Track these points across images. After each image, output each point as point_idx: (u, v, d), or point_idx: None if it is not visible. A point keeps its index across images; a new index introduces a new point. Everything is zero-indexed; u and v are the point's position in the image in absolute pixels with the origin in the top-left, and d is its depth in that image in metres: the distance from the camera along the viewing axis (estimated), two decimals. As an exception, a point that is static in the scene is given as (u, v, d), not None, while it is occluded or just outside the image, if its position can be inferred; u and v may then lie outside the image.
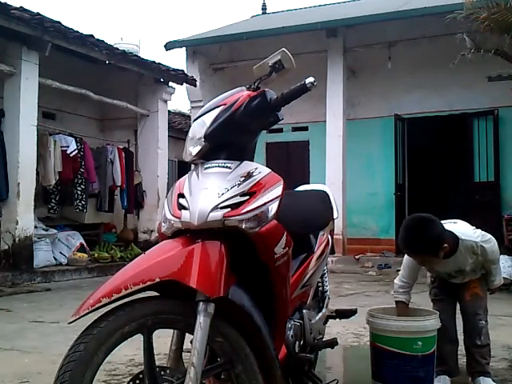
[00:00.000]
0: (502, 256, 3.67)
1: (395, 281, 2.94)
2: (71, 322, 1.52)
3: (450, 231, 2.70)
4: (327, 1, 14.53)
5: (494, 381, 2.79)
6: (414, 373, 2.59)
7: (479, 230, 2.84)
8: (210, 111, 1.84)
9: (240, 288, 1.69)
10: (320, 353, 2.80)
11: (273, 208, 1.72)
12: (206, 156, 1.81)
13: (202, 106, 1.94)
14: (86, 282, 7.62)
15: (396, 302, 2.88)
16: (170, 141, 10.75)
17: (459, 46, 7.66)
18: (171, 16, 61.21)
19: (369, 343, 2.79)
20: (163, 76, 10.25)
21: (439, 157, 12.29)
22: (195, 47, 11.48)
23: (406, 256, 2.89)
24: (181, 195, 1.75)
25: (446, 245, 2.62)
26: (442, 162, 12.27)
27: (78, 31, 8.27)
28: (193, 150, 1.83)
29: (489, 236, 2.82)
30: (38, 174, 8.14)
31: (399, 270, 2.96)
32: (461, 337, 2.95)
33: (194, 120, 1.89)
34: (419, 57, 10.27)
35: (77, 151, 8.89)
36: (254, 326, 1.68)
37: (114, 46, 9.35)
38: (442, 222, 2.71)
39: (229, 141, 1.81)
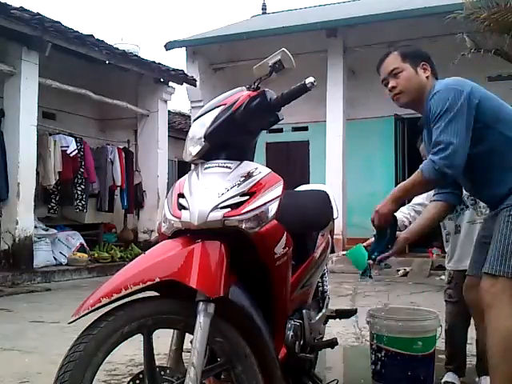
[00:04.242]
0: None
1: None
2: (71, 322, 1.52)
3: None
4: (327, 1, 14.54)
5: None
6: (414, 373, 2.59)
7: None
8: (209, 111, 1.84)
9: (240, 288, 1.69)
10: (320, 353, 2.80)
11: (273, 208, 1.72)
12: (206, 156, 1.81)
13: (202, 106, 1.94)
14: (86, 282, 7.61)
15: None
16: (169, 141, 10.75)
17: (459, 46, 7.66)
18: (171, 16, 61.24)
19: (369, 343, 2.79)
20: (163, 76, 10.25)
21: (439, 157, 12.26)
22: (195, 47, 11.47)
23: None
24: (181, 195, 1.75)
25: None
26: (441, 161, 12.24)
27: (77, 31, 8.27)
28: (193, 149, 1.82)
29: None
30: (38, 174, 8.14)
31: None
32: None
33: (194, 120, 1.89)
34: (419, 57, 10.23)
35: (77, 151, 8.89)
36: (254, 326, 1.68)
37: (114, 46, 9.34)
38: None
39: (229, 141, 1.81)
